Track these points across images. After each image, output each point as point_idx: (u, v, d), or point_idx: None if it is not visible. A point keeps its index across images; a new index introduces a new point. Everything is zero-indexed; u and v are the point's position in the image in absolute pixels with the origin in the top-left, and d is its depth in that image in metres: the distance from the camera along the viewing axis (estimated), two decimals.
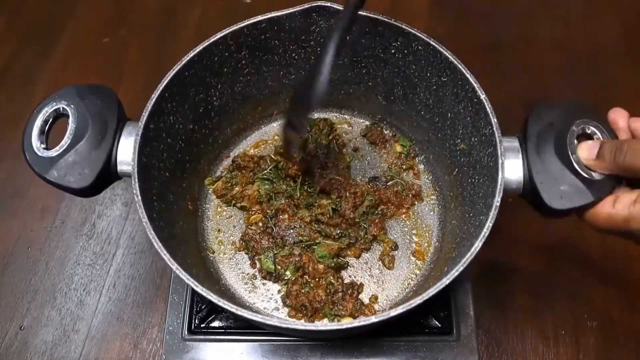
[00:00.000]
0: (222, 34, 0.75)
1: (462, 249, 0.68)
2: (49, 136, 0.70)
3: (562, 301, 0.87)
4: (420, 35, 0.74)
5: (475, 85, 0.69)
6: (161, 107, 0.72)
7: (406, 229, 0.83)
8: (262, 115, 0.91)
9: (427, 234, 0.83)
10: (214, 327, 0.79)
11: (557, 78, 1.09)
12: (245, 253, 0.81)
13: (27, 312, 0.89)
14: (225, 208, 0.85)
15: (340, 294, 0.76)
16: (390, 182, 0.85)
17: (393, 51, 0.78)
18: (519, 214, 0.78)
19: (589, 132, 0.66)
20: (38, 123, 0.69)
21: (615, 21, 1.17)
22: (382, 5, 1.20)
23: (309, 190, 0.83)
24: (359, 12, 0.74)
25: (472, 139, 0.73)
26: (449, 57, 0.72)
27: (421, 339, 0.77)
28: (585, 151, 0.62)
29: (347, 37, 0.67)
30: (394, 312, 0.58)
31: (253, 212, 0.83)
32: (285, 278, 0.78)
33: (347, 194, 0.81)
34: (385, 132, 0.90)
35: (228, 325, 0.79)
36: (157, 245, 0.61)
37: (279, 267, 0.78)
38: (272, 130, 0.93)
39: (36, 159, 0.67)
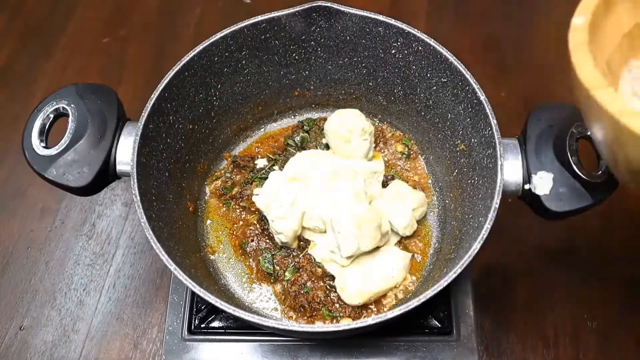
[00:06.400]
0: (222, 34, 0.75)
1: (461, 251, 0.68)
2: (49, 135, 0.70)
3: (562, 301, 0.87)
4: (420, 35, 0.74)
5: (475, 86, 0.69)
6: (161, 107, 0.72)
7: None
8: (262, 115, 0.91)
9: (426, 234, 0.83)
10: (214, 327, 0.79)
11: (557, 78, 1.09)
12: (244, 253, 0.81)
13: (27, 312, 0.89)
14: (225, 208, 0.85)
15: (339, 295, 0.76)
16: (391, 182, 0.85)
17: (393, 51, 0.78)
18: (519, 214, 0.78)
19: (588, 134, 0.66)
20: (38, 122, 0.69)
21: None
22: (382, 5, 1.20)
23: None
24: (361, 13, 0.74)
25: (472, 140, 0.73)
26: (449, 57, 0.72)
27: (421, 339, 0.77)
28: None
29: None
30: (391, 314, 0.59)
31: (252, 212, 0.83)
32: (285, 279, 0.78)
33: None
34: (386, 132, 0.90)
35: (228, 325, 0.79)
36: (155, 245, 0.61)
37: (278, 268, 0.78)
38: (272, 130, 0.93)
39: (35, 158, 0.68)
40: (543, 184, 0.65)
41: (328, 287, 0.76)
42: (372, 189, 0.80)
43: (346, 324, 0.59)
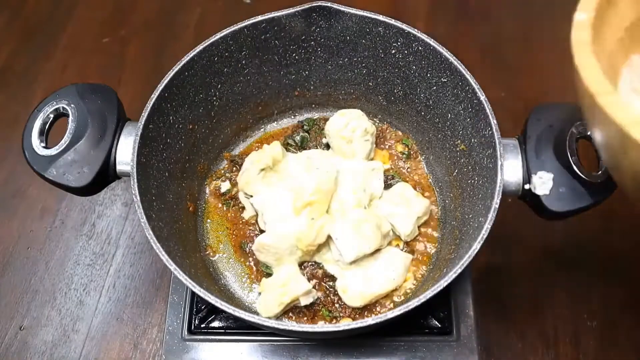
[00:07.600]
0: (222, 34, 0.75)
1: (461, 251, 0.68)
2: (49, 135, 0.70)
3: (561, 301, 0.87)
4: (420, 35, 0.74)
5: (475, 86, 0.69)
6: (161, 107, 0.72)
7: None
8: (262, 115, 0.91)
9: (427, 235, 0.82)
10: (214, 327, 0.79)
11: (557, 78, 1.09)
12: (244, 253, 0.81)
13: (27, 312, 0.89)
14: (225, 208, 0.85)
15: (339, 295, 0.76)
16: (391, 182, 0.85)
17: (393, 51, 0.78)
18: (519, 214, 0.78)
19: (588, 134, 0.66)
20: (38, 122, 0.69)
21: None
22: (382, 5, 1.20)
23: None
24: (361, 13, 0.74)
25: (472, 140, 0.73)
26: (449, 57, 0.72)
27: (421, 339, 0.77)
28: None
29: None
30: (391, 314, 0.59)
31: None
32: None
33: None
34: (386, 132, 0.90)
35: (228, 325, 0.79)
36: (155, 245, 0.61)
37: None
38: (272, 130, 0.93)
39: (35, 158, 0.68)
40: (543, 184, 0.65)
41: (328, 287, 0.76)
42: (372, 186, 0.79)
43: (346, 324, 0.59)
